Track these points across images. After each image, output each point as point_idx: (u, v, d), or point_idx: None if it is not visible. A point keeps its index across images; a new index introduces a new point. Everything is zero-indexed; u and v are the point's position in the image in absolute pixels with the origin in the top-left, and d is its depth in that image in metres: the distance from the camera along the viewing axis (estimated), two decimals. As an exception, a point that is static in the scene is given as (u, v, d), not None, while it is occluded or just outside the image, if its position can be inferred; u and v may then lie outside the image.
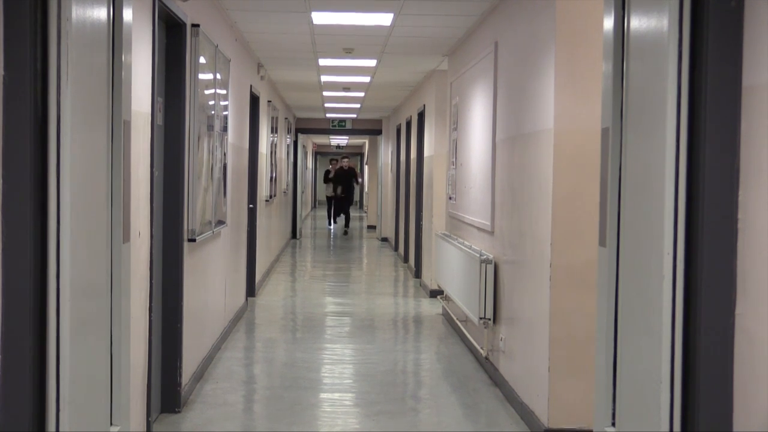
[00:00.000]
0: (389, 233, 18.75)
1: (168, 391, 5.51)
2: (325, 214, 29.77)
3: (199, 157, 5.98)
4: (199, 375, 6.43)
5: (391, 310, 10.41)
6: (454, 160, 8.98)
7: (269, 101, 12.12)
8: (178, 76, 5.50)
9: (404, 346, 8.45)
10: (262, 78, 10.87)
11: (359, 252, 18.49)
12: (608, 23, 3.21)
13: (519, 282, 5.91)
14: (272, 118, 12.67)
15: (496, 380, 6.47)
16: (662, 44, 2.75)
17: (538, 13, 5.51)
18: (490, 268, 6.58)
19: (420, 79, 12.10)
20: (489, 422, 5.65)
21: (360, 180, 27.11)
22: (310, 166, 34.56)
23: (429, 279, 11.15)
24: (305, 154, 27.95)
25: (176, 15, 5.29)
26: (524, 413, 5.57)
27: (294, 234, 20.32)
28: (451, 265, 8.27)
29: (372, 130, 21.12)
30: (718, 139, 2.63)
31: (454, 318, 8.51)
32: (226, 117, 7.34)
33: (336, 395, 6.32)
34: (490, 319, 6.60)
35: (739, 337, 2.61)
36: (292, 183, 19.81)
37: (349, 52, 9.76)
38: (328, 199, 23.96)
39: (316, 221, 29.30)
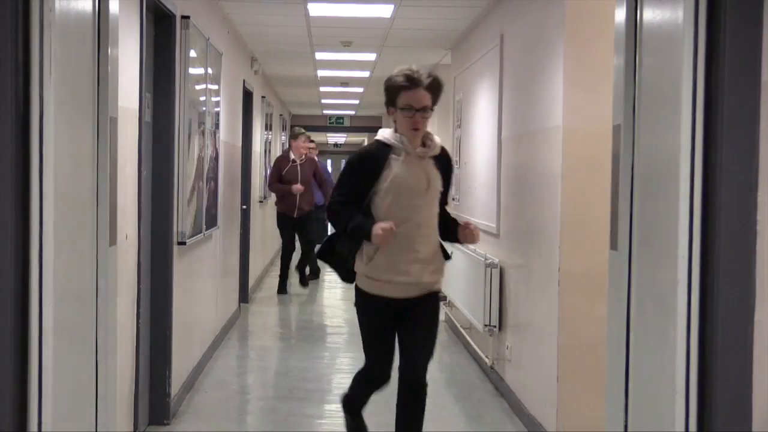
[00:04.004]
0: (389, 236, 18.73)
1: (156, 402, 5.50)
2: None
3: (189, 156, 5.97)
4: (189, 385, 6.42)
5: (392, 316, 10.39)
6: (457, 158, 8.98)
7: (263, 97, 12.12)
8: (168, 71, 5.50)
9: (405, 355, 8.44)
10: (255, 73, 10.87)
11: (358, 255, 18.49)
12: (620, 15, 3.21)
13: (526, 287, 5.90)
14: (266, 114, 12.67)
15: (502, 390, 6.46)
16: (677, 37, 2.75)
17: (546, 4, 5.50)
18: (496, 273, 6.58)
19: (422, 73, 12.09)
20: (494, 435, 5.64)
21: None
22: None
23: (431, 284, 11.13)
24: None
25: (165, 6, 5.29)
26: (531, 425, 5.56)
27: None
28: (454, 269, 8.26)
29: (371, 127, 21.12)
30: (735, 137, 2.62)
31: (458, 325, 8.51)
32: (217, 113, 7.34)
33: (333, 406, 6.31)
34: (495, 326, 6.59)
35: (759, 346, 2.60)
36: (288, 183, 19.77)
37: (347, 46, 9.77)
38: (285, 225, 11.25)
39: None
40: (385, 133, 4.42)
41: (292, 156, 10.81)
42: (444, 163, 4.49)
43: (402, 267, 4.33)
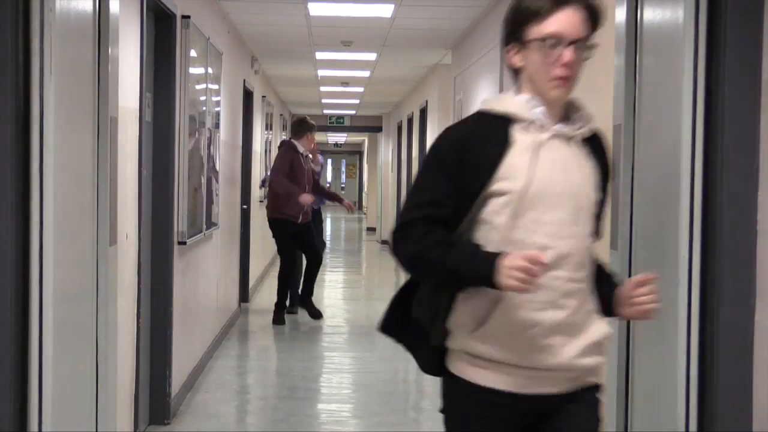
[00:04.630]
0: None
1: (156, 401, 5.50)
2: None
3: (189, 156, 5.97)
4: (190, 384, 6.42)
5: (392, 316, 10.37)
6: (458, 158, 8.96)
7: (263, 97, 12.12)
8: (168, 71, 5.49)
9: (406, 354, 8.37)
10: (256, 72, 10.87)
11: (358, 255, 18.50)
12: (620, 15, 3.21)
13: (526, 287, 5.89)
14: (267, 114, 12.67)
15: (502, 390, 6.45)
16: (677, 37, 2.75)
17: (546, 4, 5.50)
18: (496, 273, 6.56)
19: (422, 73, 12.10)
20: (495, 434, 5.64)
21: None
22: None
23: (431, 284, 11.13)
24: (301, 152, 27.91)
25: (165, 6, 5.28)
26: (532, 425, 5.55)
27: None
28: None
29: (372, 127, 21.12)
30: (736, 137, 2.62)
31: (458, 325, 8.50)
32: (218, 113, 7.34)
33: (334, 406, 6.31)
34: (495, 326, 6.58)
35: (759, 345, 2.60)
36: (288, 183, 19.77)
37: (347, 45, 9.76)
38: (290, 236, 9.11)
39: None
40: (500, 99, 2.48)
41: (301, 148, 8.97)
42: (600, 152, 2.52)
43: (540, 339, 2.33)
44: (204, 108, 6.60)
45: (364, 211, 32.49)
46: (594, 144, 2.50)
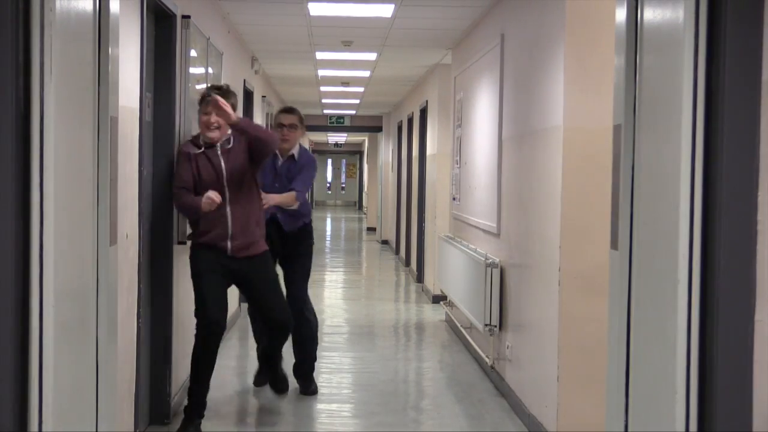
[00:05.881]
0: (390, 236, 18.78)
1: (157, 401, 5.50)
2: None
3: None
4: (190, 384, 6.42)
5: (392, 316, 10.40)
6: (458, 158, 8.98)
7: (264, 96, 12.12)
8: (168, 70, 5.50)
9: (405, 354, 8.44)
10: (256, 72, 10.87)
11: (358, 255, 18.50)
12: (620, 15, 3.20)
13: (526, 287, 5.90)
14: (267, 114, 12.67)
15: (502, 390, 6.46)
16: (678, 37, 2.75)
17: (546, 3, 5.50)
18: (496, 273, 6.57)
19: (422, 73, 12.10)
20: (495, 434, 5.64)
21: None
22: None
23: (431, 284, 11.15)
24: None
25: (166, 6, 5.29)
26: (532, 424, 5.56)
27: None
28: (454, 269, 8.27)
29: (372, 127, 21.12)
30: (736, 137, 2.62)
31: (458, 325, 8.51)
32: (218, 113, 7.33)
33: (334, 406, 6.32)
34: (495, 326, 6.59)
35: (759, 345, 2.60)
36: (288, 182, 19.75)
37: (347, 45, 9.76)
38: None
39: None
40: None
41: (201, 139, 5.39)
42: None
43: None
44: (204, 108, 6.59)
45: (364, 211, 32.46)
46: None
